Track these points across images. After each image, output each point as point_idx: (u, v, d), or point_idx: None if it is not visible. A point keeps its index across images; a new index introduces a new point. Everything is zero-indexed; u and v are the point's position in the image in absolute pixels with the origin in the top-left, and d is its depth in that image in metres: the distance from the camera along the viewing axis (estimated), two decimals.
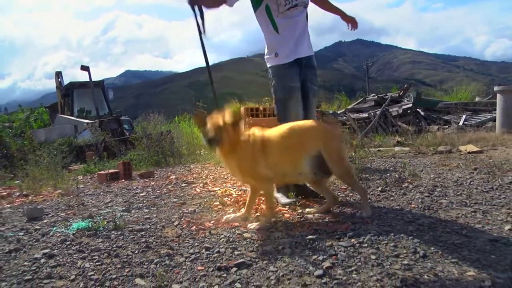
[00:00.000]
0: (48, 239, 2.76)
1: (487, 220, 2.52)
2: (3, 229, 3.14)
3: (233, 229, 2.66)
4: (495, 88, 10.02)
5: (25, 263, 2.28)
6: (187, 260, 2.17)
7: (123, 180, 5.75)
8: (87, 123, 13.14)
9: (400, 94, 17.45)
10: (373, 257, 2.01)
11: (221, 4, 3.16)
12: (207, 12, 3.09)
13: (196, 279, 1.91)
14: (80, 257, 2.32)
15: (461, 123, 11.95)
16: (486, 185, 3.54)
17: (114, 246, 2.50)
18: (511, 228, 2.33)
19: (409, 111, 13.09)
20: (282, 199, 3.34)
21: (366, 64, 52.38)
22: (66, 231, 2.94)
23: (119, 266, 2.15)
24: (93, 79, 15.90)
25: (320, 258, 2.03)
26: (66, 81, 18.58)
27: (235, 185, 4.41)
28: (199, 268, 2.05)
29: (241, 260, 2.09)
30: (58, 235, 2.85)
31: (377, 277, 1.77)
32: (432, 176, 4.18)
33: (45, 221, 3.35)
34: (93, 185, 5.52)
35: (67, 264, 2.23)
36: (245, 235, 2.52)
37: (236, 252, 2.22)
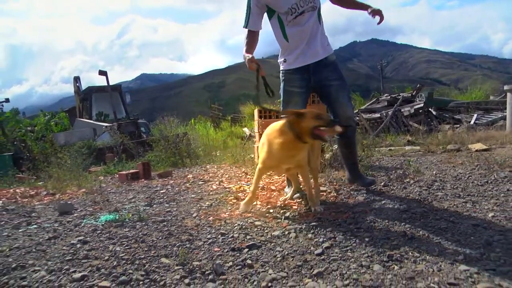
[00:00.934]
0: (80, 229, 3.10)
1: (475, 209, 2.77)
2: (39, 221, 3.50)
3: (246, 219, 2.97)
4: (505, 87, 10.01)
5: (64, 248, 2.62)
6: (205, 243, 2.49)
7: (142, 180, 6.08)
8: (106, 126, 13.62)
9: (413, 94, 17.57)
10: (367, 239, 2.29)
11: (256, 35, 3.45)
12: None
13: (213, 258, 2.22)
14: (110, 243, 2.65)
15: (472, 122, 12.07)
16: (482, 180, 3.76)
17: (140, 234, 2.82)
18: (494, 215, 2.58)
19: (420, 111, 13.25)
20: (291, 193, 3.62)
21: (380, 64, 52.20)
22: (95, 222, 3.28)
23: (145, 249, 2.48)
24: (110, 83, 16.42)
25: (321, 240, 2.33)
26: (82, 85, 19.17)
27: (248, 182, 4.71)
28: (215, 249, 2.36)
29: (252, 242, 2.39)
30: (88, 226, 3.19)
31: (368, 254, 2.05)
32: (434, 172, 4.40)
33: (75, 214, 3.70)
34: (114, 184, 5.87)
35: (100, 248, 2.56)
36: (256, 223, 2.82)
37: (248, 237, 2.53)
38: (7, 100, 14.43)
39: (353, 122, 3.64)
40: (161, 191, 4.66)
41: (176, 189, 4.75)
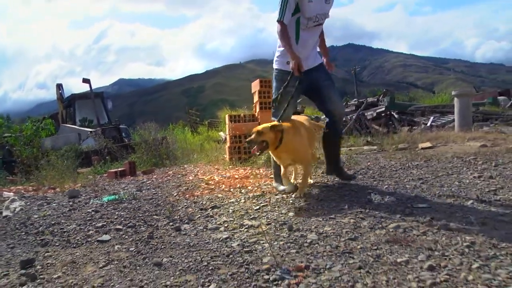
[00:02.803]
0: (90, 205, 4.21)
1: (377, 185, 3.95)
2: (56, 202, 4.58)
3: (213, 195, 4.12)
4: (453, 93, 11.23)
5: (83, 214, 3.73)
6: (182, 208, 3.64)
7: (129, 176, 7.15)
8: (90, 131, 14.57)
9: (378, 98, 19.07)
10: (291, 201, 3.47)
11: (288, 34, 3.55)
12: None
13: (188, 214, 3.38)
14: (116, 211, 3.77)
15: (429, 124, 13.50)
16: (398, 167, 4.94)
17: (136, 206, 3.95)
18: (388, 187, 3.78)
19: (383, 114, 14.61)
20: (280, 187, 3.99)
21: (354, 69, 53.89)
22: (100, 201, 4.38)
23: (141, 212, 3.61)
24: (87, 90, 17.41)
25: (260, 202, 3.50)
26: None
27: (219, 174, 5.84)
28: (189, 210, 3.52)
29: (214, 205, 3.56)
30: (96, 203, 4.29)
31: (288, 207, 3.24)
32: (368, 163, 5.58)
33: (82, 197, 4.79)
34: (105, 180, 6.93)
35: (108, 214, 3.69)
36: (219, 195, 4.00)
37: (212, 203, 3.69)
38: None
39: (343, 117, 3.99)
40: (147, 182, 5.77)
41: (159, 180, 5.86)
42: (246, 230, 2.72)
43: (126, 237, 2.89)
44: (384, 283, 1.73)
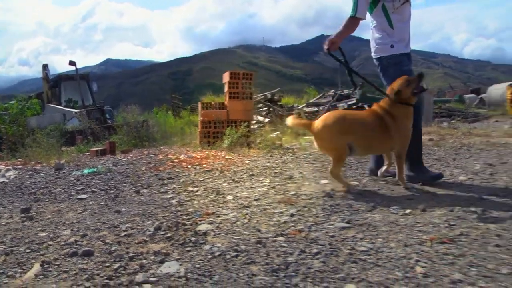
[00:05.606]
0: (73, 175, 5.18)
1: (303, 166, 5.00)
2: (44, 173, 5.53)
3: (174, 170, 5.10)
4: None
5: (66, 182, 4.71)
6: (146, 179, 4.64)
7: (109, 155, 8.08)
8: (75, 112, 15.34)
9: (353, 91, 20.05)
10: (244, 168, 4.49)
11: (358, 26, 3.66)
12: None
13: (148, 183, 4.37)
14: (93, 180, 4.75)
15: None
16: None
17: (110, 177, 4.93)
18: (314, 168, 4.82)
19: (354, 107, 15.63)
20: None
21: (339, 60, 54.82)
22: (81, 173, 5.34)
23: (113, 181, 4.59)
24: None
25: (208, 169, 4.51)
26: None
27: (188, 154, 6.81)
28: (151, 180, 4.51)
29: (170, 177, 4.55)
30: (77, 174, 5.26)
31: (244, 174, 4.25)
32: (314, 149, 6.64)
33: (66, 170, 5.75)
34: (87, 158, 7.86)
35: (87, 182, 4.67)
36: (177, 170, 4.98)
37: (169, 175, 4.69)
38: None
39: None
40: (123, 159, 6.73)
41: (134, 158, 6.82)
42: (186, 193, 3.73)
43: (99, 196, 3.89)
44: None
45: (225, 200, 3.38)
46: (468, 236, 2.31)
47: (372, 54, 3.80)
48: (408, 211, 2.82)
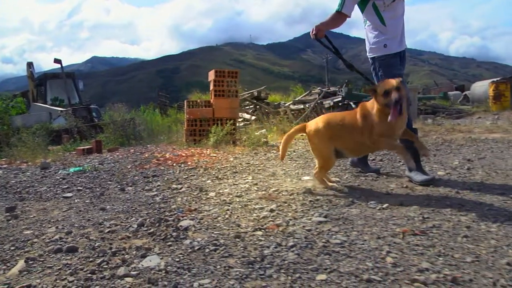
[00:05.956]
0: (59, 174, 5.22)
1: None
2: (30, 172, 5.55)
3: (159, 168, 5.16)
4: None
5: (52, 180, 4.75)
6: (131, 177, 4.71)
7: (95, 153, 8.10)
8: (61, 111, 15.26)
9: (339, 88, 20.28)
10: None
11: (343, 22, 3.66)
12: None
13: (134, 180, 4.43)
14: (79, 179, 4.80)
15: None
16: None
17: (95, 175, 4.99)
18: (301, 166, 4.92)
19: (340, 104, 15.78)
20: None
21: (326, 58, 55.23)
22: (67, 171, 5.38)
23: (99, 180, 4.64)
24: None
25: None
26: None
27: (174, 152, 6.87)
28: (136, 178, 4.57)
29: (155, 174, 4.61)
30: (63, 173, 5.29)
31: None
32: (300, 146, 6.73)
33: (52, 168, 5.77)
34: (74, 156, 7.87)
35: (73, 180, 4.71)
36: (162, 168, 5.04)
37: (154, 173, 4.75)
38: None
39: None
40: (110, 158, 6.77)
41: (120, 157, 6.87)
42: (170, 191, 3.80)
43: (84, 194, 3.94)
44: None
45: (208, 196, 3.46)
46: (440, 228, 2.42)
47: (367, 54, 3.79)
48: (385, 205, 2.93)
